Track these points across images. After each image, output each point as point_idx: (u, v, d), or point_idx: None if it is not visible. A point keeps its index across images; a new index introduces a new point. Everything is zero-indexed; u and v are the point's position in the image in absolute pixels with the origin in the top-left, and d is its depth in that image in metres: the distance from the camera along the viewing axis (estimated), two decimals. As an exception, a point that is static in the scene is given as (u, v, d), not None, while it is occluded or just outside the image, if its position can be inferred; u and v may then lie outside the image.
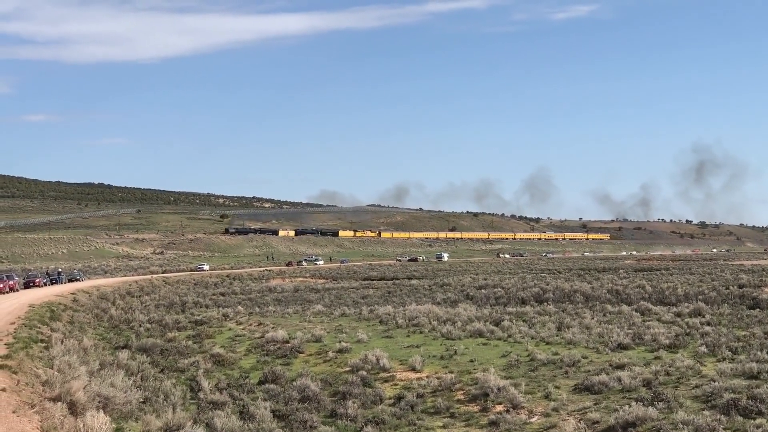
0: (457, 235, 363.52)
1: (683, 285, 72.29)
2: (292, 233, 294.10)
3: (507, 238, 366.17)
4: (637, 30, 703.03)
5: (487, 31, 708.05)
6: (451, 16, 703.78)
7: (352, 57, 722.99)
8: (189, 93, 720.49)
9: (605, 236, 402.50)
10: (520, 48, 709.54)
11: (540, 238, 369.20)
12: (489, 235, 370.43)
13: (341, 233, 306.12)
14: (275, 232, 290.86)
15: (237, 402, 30.92)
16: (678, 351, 35.56)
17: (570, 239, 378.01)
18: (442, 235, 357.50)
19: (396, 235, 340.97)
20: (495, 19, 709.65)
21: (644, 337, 39.42)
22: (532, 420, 27.47)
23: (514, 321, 47.26)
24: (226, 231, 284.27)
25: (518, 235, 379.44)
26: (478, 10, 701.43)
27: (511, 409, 28.31)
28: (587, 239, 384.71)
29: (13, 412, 20.90)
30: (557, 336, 40.83)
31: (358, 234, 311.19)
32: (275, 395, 32.40)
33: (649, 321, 47.04)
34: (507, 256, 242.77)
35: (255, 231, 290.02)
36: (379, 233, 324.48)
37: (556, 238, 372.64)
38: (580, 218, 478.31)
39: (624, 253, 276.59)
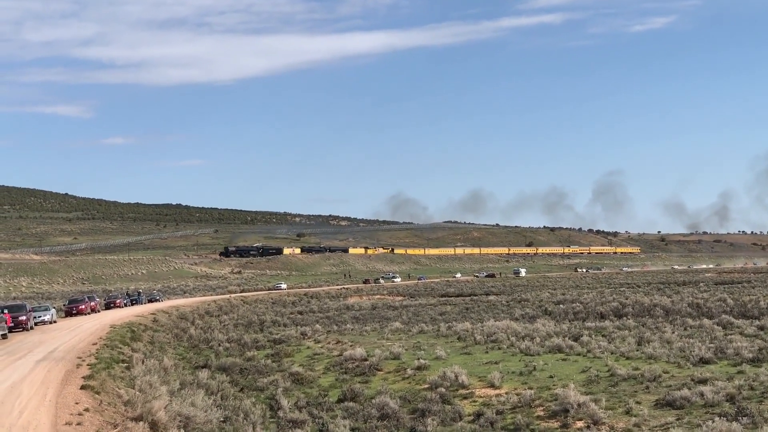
0: (532, 250, 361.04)
1: (766, 298, 71.18)
2: (297, 251, 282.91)
3: (582, 253, 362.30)
4: (715, 41, 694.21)
5: (563, 45, 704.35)
6: (526, 31, 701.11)
7: (427, 74, 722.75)
8: (264, 113, 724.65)
9: (636, 249, 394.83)
10: (596, 61, 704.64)
11: (564, 253, 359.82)
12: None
13: (351, 250, 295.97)
14: (279, 251, 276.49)
15: (316, 420, 30.96)
16: (762, 365, 34.93)
17: (596, 253, 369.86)
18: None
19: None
20: (571, 33, 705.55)
21: (726, 351, 38.78)
22: (614, 436, 27.18)
23: (593, 336, 46.82)
24: (225, 250, 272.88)
25: (592, 249, 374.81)
26: (554, 25, 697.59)
27: (592, 425, 28.02)
28: (614, 253, 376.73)
29: (97, 431, 21.13)
30: (637, 351, 40.35)
31: (369, 251, 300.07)
32: (354, 413, 32.40)
33: (731, 335, 46.27)
34: (584, 270, 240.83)
35: (257, 249, 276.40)
36: (392, 249, 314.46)
37: (581, 252, 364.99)
38: (659, 231, 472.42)
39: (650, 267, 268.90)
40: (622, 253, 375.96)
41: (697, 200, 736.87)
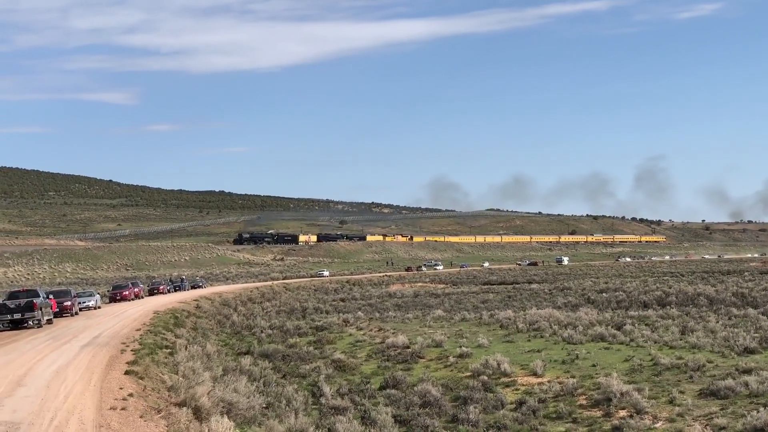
0: (575, 238, 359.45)
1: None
2: (313, 238, 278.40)
3: (625, 242, 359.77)
4: (763, 27, 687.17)
5: (607, 32, 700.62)
6: (571, 18, 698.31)
7: (472, 61, 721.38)
8: (307, 101, 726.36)
9: (661, 238, 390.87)
10: (641, 48, 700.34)
11: (598, 241, 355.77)
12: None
13: (369, 237, 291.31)
14: (294, 238, 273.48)
15: (358, 407, 31.00)
16: (807, 355, 34.69)
17: (620, 241, 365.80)
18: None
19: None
20: (616, 20, 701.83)
21: (771, 340, 38.50)
22: (657, 425, 27.04)
23: (636, 325, 46.54)
24: (239, 237, 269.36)
25: (616, 238, 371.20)
26: (599, 12, 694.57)
27: (635, 415, 27.90)
28: (640, 242, 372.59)
29: (141, 416, 21.27)
30: (681, 340, 40.08)
31: (387, 239, 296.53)
32: (396, 400, 32.43)
33: (776, 324, 45.91)
34: (628, 259, 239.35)
35: (272, 236, 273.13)
36: (411, 237, 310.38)
37: (605, 242, 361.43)
38: (703, 220, 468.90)
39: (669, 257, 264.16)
40: (647, 241, 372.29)
41: (741, 188, 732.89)
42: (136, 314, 56.96)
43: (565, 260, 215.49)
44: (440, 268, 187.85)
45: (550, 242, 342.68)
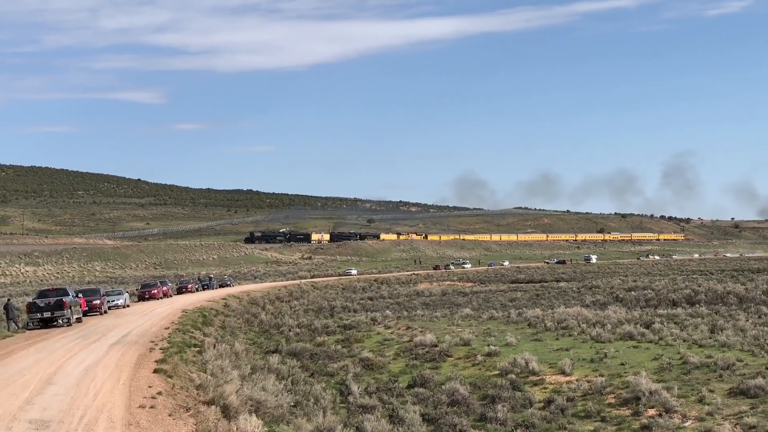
0: (600, 236, 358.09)
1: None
2: (327, 237, 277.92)
3: (623, 240, 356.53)
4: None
5: (635, 30, 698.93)
6: (598, 16, 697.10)
7: (499, 59, 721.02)
8: (335, 99, 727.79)
9: (680, 236, 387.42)
10: (669, 46, 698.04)
11: (620, 239, 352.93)
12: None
13: (383, 236, 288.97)
14: (307, 237, 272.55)
15: (386, 406, 31.01)
16: (838, 354, 34.46)
17: (638, 240, 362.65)
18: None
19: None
20: (644, 18, 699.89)
21: (802, 339, 38.26)
22: (686, 424, 26.92)
23: (665, 323, 46.33)
24: (250, 235, 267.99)
25: (633, 236, 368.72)
26: (627, 10, 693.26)
27: (664, 413, 27.78)
28: (658, 240, 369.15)
29: (169, 415, 21.34)
30: (710, 338, 39.86)
31: (402, 237, 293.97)
32: (424, 399, 32.42)
33: (806, 323, 45.61)
34: (656, 257, 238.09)
35: (284, 235, 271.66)
36: (425, 236, 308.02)
37: (622, 239, 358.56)
38: (732, 218, 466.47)
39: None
40: (665, 239, 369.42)
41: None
42: (164, 313, 57.16)
43: (594, 258, 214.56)
44: (468, 266, 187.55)
45: (578, 240, 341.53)
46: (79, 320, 51.08)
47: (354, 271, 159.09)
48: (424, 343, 44.41)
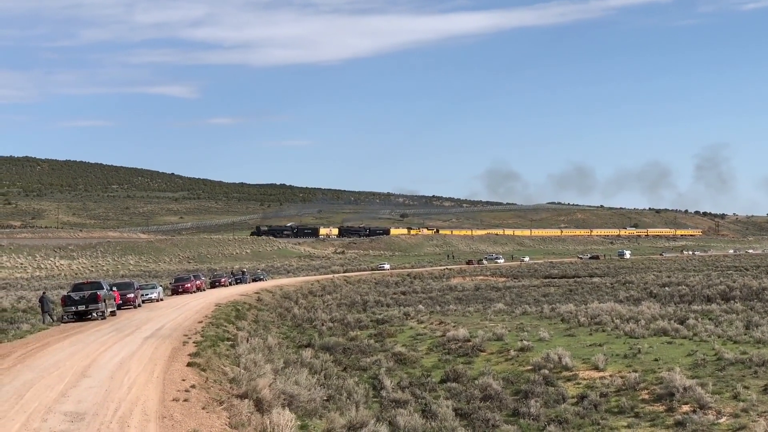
0: (633, 232, 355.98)
1: None
2: (335, 231, 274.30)
3: (640, 235, 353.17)
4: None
5: (671, 24, 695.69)
6: (635, 9, 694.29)
7: (533, 54, 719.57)
8: (369, 94, 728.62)
9: (697, 232, 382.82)
10: (705, 40, 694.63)
11: (620, 235, 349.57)
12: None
13: (393, 231, 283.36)
14: (315, 231, 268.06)
15: (419, 400, 31.01)
16: None
17: (654, 235, 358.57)
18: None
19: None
20: (681, 11, 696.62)
21: (838, 335, 37.95)
22: (721, 421, 26.76)
23: (699, 319, 46.06)
24: (257, 229, 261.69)
25: (650, 232, 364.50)
26: (664, 4, 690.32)
27: (698, 410, 27.63)
28: (674, 236, 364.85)
29: (203, 408, 21.42)
30: (745, 335, 39.57)
31: (412, 232, 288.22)
32: (457, 394, 32.39)
33: (842, 319, 45.25)
34: (692, 253, 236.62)
35: (292, 229, 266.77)
36: (437, 230, 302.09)
37: (638, 235, 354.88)
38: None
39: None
40: (682, 235, 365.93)
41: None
42: (197, 306, 57.33)
43: (627, 254, 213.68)
44: (501, 261, 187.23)
45: (612, 236, 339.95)
46: (113, 313, 51.35)
47: (387, 266, 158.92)
48: (457, 338, 44.33)
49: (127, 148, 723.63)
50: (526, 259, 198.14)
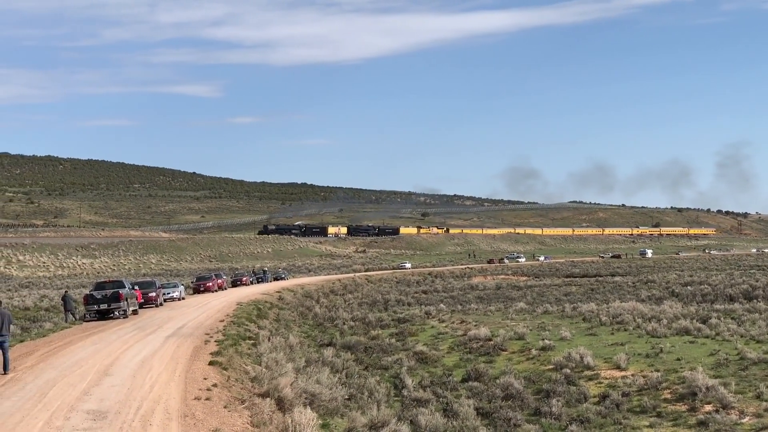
0: (655, 231, 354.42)
1: None
2: (344, 230, 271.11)
3: (653, 234, 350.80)
4: None
5: (694, 22, 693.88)
6: (657, 8, 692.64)
7: (555, 52, 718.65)
8: (390, 93, 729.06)
9: (711, 231, 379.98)
10: (728, 38, 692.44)
11: (632, 234, 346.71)
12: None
13: (402, 230, 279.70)
14: (323, 230, 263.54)
15: (440, 399, 31.00)
16: None
17: (667, 234, 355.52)
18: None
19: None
20: (703, 10, 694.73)
21: None
22: (744, 420, 26.64)
23: (722, 318, 45.84)
24: (264, 228, 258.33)
25: (663, 231, 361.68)
26: (686, 2, 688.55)
27: (721, 409, 27.51)
28: (687, 234, 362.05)
29: (225, 407, 21.46)
30: (768, 334, 39.44)
31: (422, 231, 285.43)
32: (478, 393, 32.35)
33: None
34: (709, 252, 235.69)
35: (299, 228, 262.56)
36: (447, 230, 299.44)
37: (652, 234, 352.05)
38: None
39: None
40: (695, 234, 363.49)
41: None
42: (219, 305, 57.45)
43: (649, 253, 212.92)
44: (522, 260, 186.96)
45: (634, 235, 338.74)
46: (135, 312, 51.52)
47: (408, 265, 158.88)
48: (479, 337, 44.29)
49: (149, 148, 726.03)
50: (542, 258, 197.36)
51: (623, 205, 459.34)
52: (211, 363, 28.05)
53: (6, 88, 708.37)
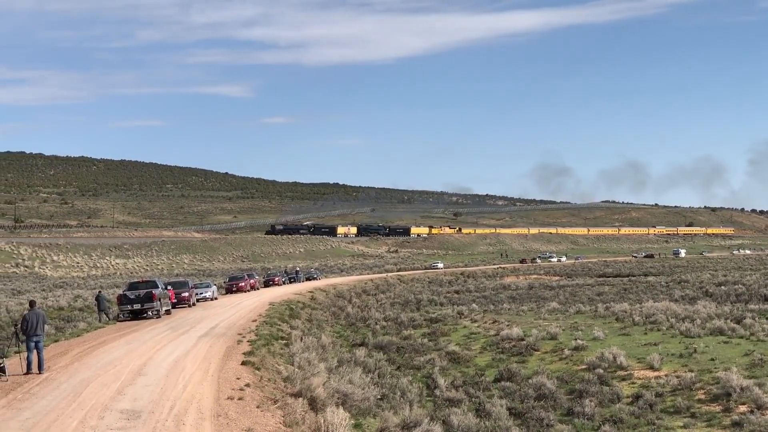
0: (689, 230, 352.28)
1: None
2: (353, 230, 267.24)
3: (669, 234, 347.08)
4: None
5: (729, 20, 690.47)
6: (691, 6, 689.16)
7: (586, 51, 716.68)
8: (423, 93, 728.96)
9: (729, 230, 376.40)
10: (762, 37, 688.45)
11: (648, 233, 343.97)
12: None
13: (413, 230, 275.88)
14: (332, 230, 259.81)
15: (473, 399, 30.94)
16: None
17: (683, 234, 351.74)
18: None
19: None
20: (739, 8, 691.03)
21: None
22: (778, 421, 26.46)
23: (756, 319, 45.53)
24: (272, 229, 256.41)
25: (680, 230, 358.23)
26: (719, 1, 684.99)
27: (756, 410, 27.33)
28: (706, 234, 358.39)
29: (257, 407, 21.50)
30: (803, 334, 39.15)
31: (434, 231, 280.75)
32: (511, 393, 32.29)
33: None
34: (748, 252, 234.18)
35: (308, 228, 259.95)
36: (459, 229, 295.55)
37: (668, 233, 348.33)
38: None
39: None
40: (713, 234, 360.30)
41: None
42: (252, 305, 57.59)
43: (683, 252, 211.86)
44: (555, 260, 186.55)
45: (667, 234, 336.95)
46: (168, 312, 51.72)
47: (440, 265, 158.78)
48: (511, 337, 44.20)
49: (182, 148, 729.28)
50: (563, 259, 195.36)
51: (656, 204, 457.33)
52: (243, 363, 28.12)
53: (41, 89, 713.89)
